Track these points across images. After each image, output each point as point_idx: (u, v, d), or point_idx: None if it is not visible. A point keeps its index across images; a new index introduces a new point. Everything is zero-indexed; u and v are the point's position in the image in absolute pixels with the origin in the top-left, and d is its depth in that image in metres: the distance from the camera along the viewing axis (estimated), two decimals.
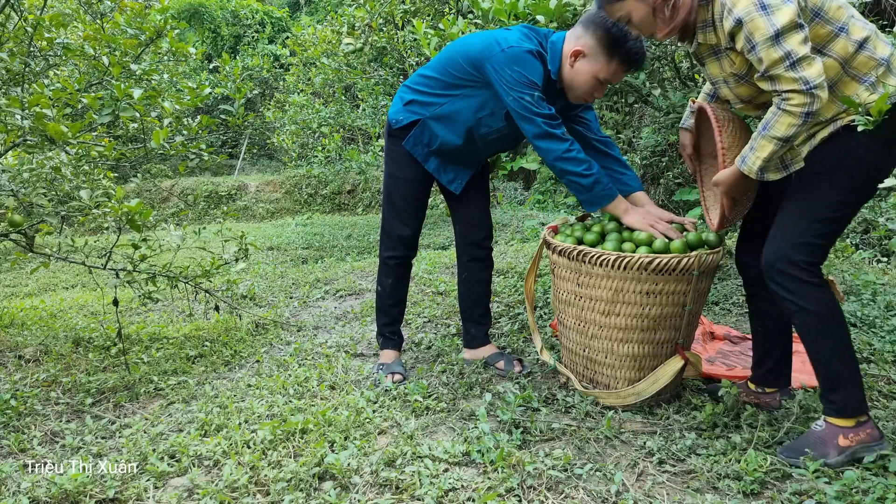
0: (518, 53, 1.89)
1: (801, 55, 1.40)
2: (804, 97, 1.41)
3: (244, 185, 10.71)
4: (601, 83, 1.93)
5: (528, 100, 1.89)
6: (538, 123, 1.90)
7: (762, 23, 1.40)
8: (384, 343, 2.37)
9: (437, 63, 2.10)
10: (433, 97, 2.09)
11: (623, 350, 1.95)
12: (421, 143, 2.16)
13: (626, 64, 1.89)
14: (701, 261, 1.83)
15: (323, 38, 7.07)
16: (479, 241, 2.32)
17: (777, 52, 1.41)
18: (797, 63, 1.40)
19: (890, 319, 2.60)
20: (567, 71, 1.95)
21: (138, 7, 2.86)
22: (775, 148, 1.50)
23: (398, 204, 2.23)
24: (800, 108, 1.43)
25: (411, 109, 2.14)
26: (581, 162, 1.92)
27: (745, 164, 1.57)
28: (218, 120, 3.19)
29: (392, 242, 2.26)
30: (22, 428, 1.93)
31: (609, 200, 1.96)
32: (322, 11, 14.33)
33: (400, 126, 2.16)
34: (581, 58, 1.91)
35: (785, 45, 1.40)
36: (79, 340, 2.77)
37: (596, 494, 1.49)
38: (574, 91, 1.98)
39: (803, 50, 1.40)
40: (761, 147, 1.52)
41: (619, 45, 1.85)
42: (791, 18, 1.39)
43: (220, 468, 1.64)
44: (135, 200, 2.19)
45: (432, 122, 2.11)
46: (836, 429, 1.56)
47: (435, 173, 2.20)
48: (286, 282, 4.12)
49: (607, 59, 1.88)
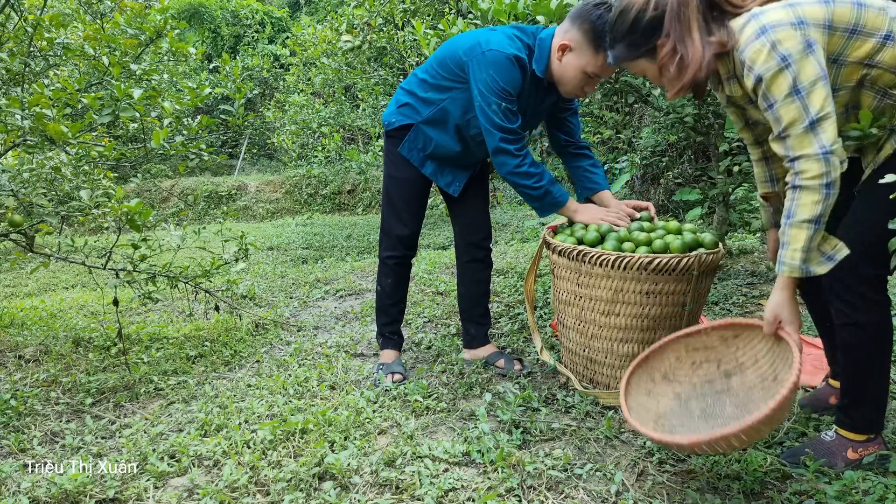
0: (496, 57, 1.90)
1: (822, 114, 1.31)
2: (819, 166, 1.32)
3: (244, 185, 10.72)
4: (590, 77, 1.91)
5: (494, 109, 1.91)
6: (496, 138, 1.95)
7: (783, 79, 1.32)
8: (384, 343, 2.37)
9: (429, 64, 2.12)
10: (425, 101, 2.11)
11: (623, 350, 1.95)
12: (416, 148, 2.17)
13: None
14: (701, 261, 1.83)
15: (323, 37, 7.07)
16: (478, 242, 2.32)
17: (796, 109, 1.33)
18: (816, 123, 1.31)
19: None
20: (556, 66, 1.94)
21: (138, 7, 2.86)
22: (809, 233, 1.37)
23: (397, 204, 2.23)
24: (817, 181, 1.33)
25: (404, 113, 2.16)
26: (531, 175, 1.98)
27: (783, 267, 1.43)
28: (218, 120, 3.19)
29: (391, 242, 2.26)
30: (22, 428, 1.93)
31: (559, 206, 2.05)
32: (322, 11, 14.34)
33: (393, 128, 2.18)
34: (568, 52, 1.90)
35: (805, 102, 1.32)
36: (79, 340, 2.77)
37: (596, 494, 1.49)
38: (564, 86, 1.97)
39: (826, 109, 1.31)
40: (794, 238, 1.39)
41: (605, 39, 1.79)
42: (815, 72, 1.31)
43: (220, 468, 1.64)
44: (135, 200, 2.19)
45: (425, 126, 2.13)
46: (846, 441, 1.54)
47: (432, 177, 2.21)
48: (286, 282, 4.12)
49: (594, 52, 1.85)
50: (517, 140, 1.96)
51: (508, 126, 1.94)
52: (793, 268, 1.41)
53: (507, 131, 1.94)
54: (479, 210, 2.33)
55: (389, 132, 2.20)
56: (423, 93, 2.11)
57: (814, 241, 1.38)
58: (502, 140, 1.94)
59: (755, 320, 1.61)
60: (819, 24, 1.34)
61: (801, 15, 1.34)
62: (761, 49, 1.34)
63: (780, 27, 1.33)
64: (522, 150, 1.97)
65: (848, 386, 1.54)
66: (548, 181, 1.99)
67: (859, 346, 1.48)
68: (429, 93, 2.10)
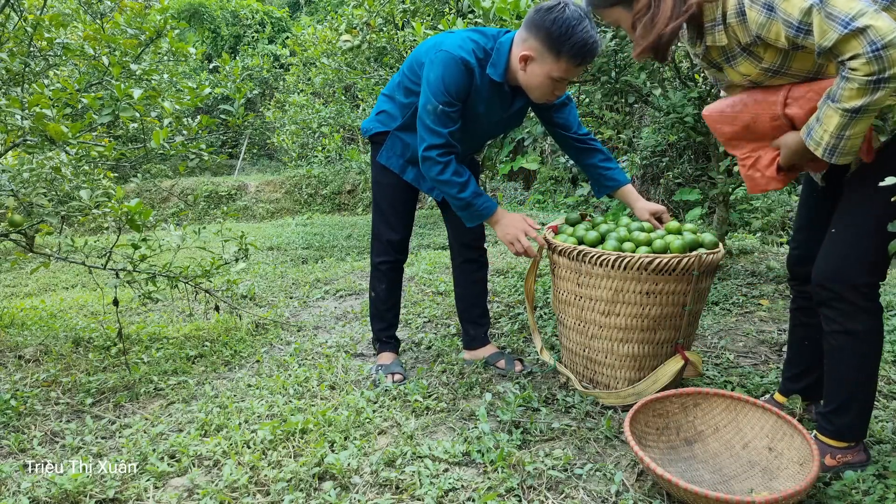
0: (444, 58, 1.87)
1: (857, 9, 1.18)
2: (870, 65, 1.18)
3: (244, 185, 10.71)
4: (557, 81, 1.87)
5: (430, 109, 1.89)
6: (422, 144, 1.93)
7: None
8: (381, 347, 2.38)
9: (402, 69, 2.11)
10: (401, 107, 2.11)
11: (623, 350, 1.95)
12: (395, 155, 2.17)
13: (575, 59, 1.79)
14: (701, 261, 1.83)
15: (323, 38, 7.07)
16: (470, 243, 2.31)
17: (826, 15, 1.21)
18: (855, 18, 1.18)
19: (890, 319, 2.60)
20: (521, 76, 1.90)
21: (138, 7, 2.86)
22: (843, 120, 1.25)
23: (385, 209, 2.23)
24: (865, 79, 1.19)
25: (380, 120, 2.17)
26: (454, 185, 1.94)
27: (811, 138, 1.34)
28: (218, 120, 3.19)
29: (382, 247, 2.26)
30: (22, 428, 1.93)
31: (484, 217, 2.00)
32: (322, 11, 14.34)
33: (370, 134, 2.19)
34: (531, 62, 1.86)
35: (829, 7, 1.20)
36: (79, 340, 2.77)
37: (596, 494, 1.49)
38: (533, 93, 1.94)
39: (856, 5, 1.18)
40: (828, 117, 1.28)
41: (563, 43, 1.76)
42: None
43: (220, 468, 1.64)
44: (135, 200, 2.19)
45: (401, 133, 2.13)
46: (825, 447, 1.52)
47: (414, 183, 2.19)
48: (286, 282, 4.12)
49: (554, 58, 1.80)
50: (442, 147, 1.92)
51: (438, 129, 1.90)
52: (818, 147, 1.33)
53: (434, 134, 1.91)
54: None
55: (370, 138, 2.21)
56: (397, 98, 2.12)
57: (846, 129, 1.27)
58: (427, 148, 1.92)
59: (717, 391, 1.68)
60: None
61: None
62: None
63: None
64: (446, 156, 1.93)
65: (834, 393, 1.51)
66: (471, 192, 1.95)
67: (849, 353, 1.45)
68: (402, 98, 2.09)
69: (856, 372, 1.46)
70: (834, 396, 1.51)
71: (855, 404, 1.48)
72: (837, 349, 1.47)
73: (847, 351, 1.45)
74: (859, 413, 1.49)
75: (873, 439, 1.68)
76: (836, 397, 1.50)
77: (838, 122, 1.27)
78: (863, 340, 1.43)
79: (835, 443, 1.52)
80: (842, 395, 1.49)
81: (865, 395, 1.48)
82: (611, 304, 1.90)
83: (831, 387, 1.51)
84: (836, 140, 1.29)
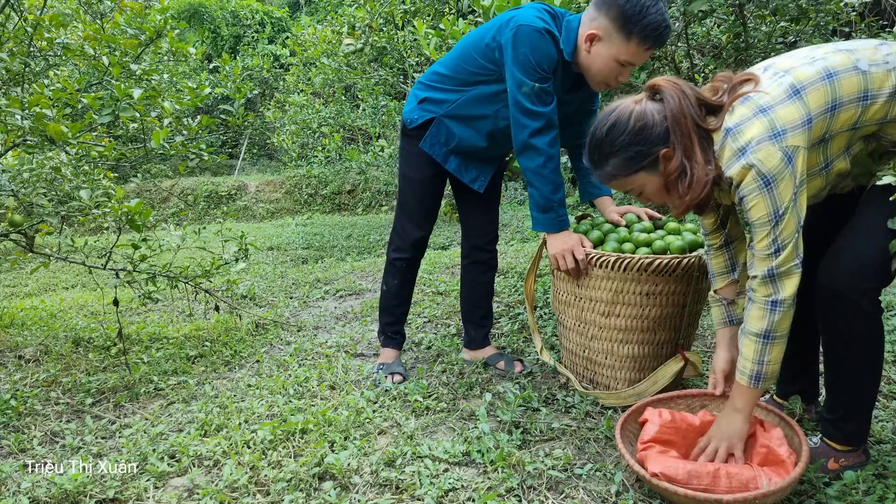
0: (529, 32, 1.78)
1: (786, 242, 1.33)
2: (766, 287, 1.36)
3: (244, 185, 10.71)
4: (623, 66, 1.79)
5: (526, 91, 1.80)
6: (525, 132, 1.84)
7: (762, 204, 1.31)
8: (385, 342, 2.36)
9: (451, 59, 2.04)
10: (447, 93, 2.03)
11: (623, 351, 1.95)
12: (438, 143, 2.09)
13: (646, 42, 1.71)
14: (701, 261, 1.83)
15: (323, 38, 7.07)
16: (484, 245, 2.30)
17: (768, 238, 1.34)
18: (780, 249, 1.33)
19: (890, 320, 2.60)
20: (584, 57, 1.82)
21: (138, 7, 2.86)
22: (757, 346, 1.40)
23: (410, 205, 2.19)
24: (764, 298, 1.37)
25: (425, 108, 2.08)
26: (550, 182, 1.88)
27: (738, 373, 1.46)
28: (218, 120, 3.19)
29: (402, 243, 2.23)
30: (22, 428, 1.93)
31: (557, 229, 1.93)
32: (322, 11, 14.33)
33: (415, 126, 2.10)
34: (597, 41, 1.77)
35: (776, 232, 1.32)
36: (79, 340, 2.77)
37: (596, 494, 1.49)
38: (594, 77, 1.85)
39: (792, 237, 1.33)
40: (745, 347, 1.43)
41: (636, 23, 1.68)
42: (790, 192, 1.30)
43: (220, 468, 1.64)
44: (135, 200, 2.19)
45: (448, 120, 2.05)
46: (830, 450, 1.53)
47: (456, 172, 2.13)
48: (286, 282, 4.12)
49: (624, 39, 1.72)
50: (545, 130, 1.83)
51: (538, 110, 1.81)
52: (742, 376, 1.44)
53: (535, 116, 1.81)
54: (488, 212, 2.30)
55: (408, 131, 2.13)
56: (445, 87, 2.04)
57: (764, 355, 1.40)
58: (532, 134, 1.83)
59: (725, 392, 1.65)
60: (796, 126, 1.29)
61: (776, 124, 1.29)
62: (743, 172, 1.31)
63: (760, 145, 1.29)
64: (552, 146, 1.84)
65: (839, 398, 1.51)
66: (561, 197, 1.90)
67: (854, 360, 1.45)
68: (451, 86, 2.02)
69: (863, 378, 1.46)
70: (841, 403, 1.51)
71: (860, 410, 1.50)
72: (844, 358, 1.46)
73: (852, 359, 1.45)
74: (863, 418, 1.50)
75: (873, 439, 1.68)
76: (844, 404, 1.51)
77: (754, 349, 1.40)
78: (868, 345, 1.44)
79: (840, 447, 1.53)
80: (849, 401, 1.50)
81: (869, 400, 1.49)
82: (611, 305, 1.90)
83: (837, 393, 1.51)
84: (755, 367, 1.41)
